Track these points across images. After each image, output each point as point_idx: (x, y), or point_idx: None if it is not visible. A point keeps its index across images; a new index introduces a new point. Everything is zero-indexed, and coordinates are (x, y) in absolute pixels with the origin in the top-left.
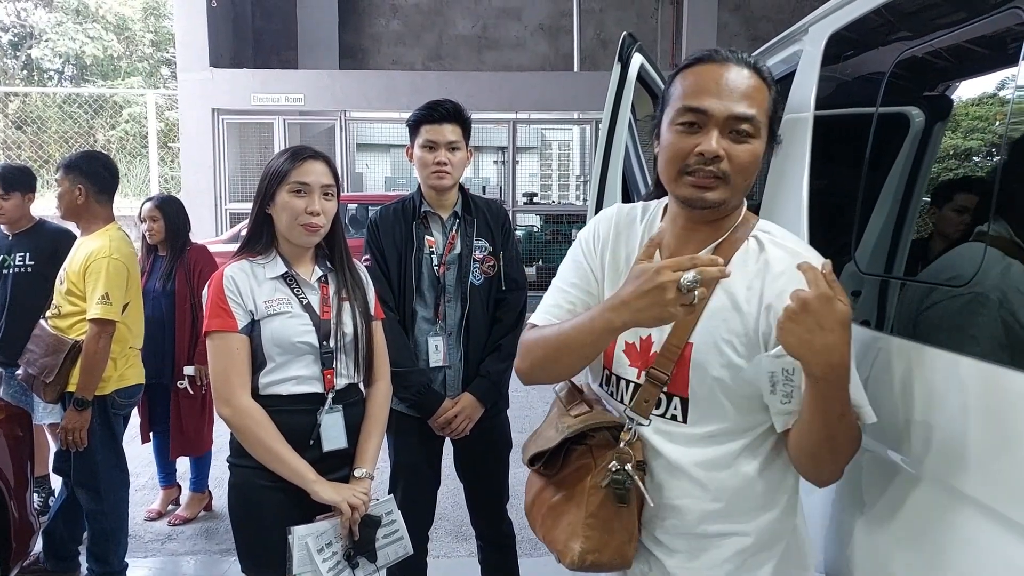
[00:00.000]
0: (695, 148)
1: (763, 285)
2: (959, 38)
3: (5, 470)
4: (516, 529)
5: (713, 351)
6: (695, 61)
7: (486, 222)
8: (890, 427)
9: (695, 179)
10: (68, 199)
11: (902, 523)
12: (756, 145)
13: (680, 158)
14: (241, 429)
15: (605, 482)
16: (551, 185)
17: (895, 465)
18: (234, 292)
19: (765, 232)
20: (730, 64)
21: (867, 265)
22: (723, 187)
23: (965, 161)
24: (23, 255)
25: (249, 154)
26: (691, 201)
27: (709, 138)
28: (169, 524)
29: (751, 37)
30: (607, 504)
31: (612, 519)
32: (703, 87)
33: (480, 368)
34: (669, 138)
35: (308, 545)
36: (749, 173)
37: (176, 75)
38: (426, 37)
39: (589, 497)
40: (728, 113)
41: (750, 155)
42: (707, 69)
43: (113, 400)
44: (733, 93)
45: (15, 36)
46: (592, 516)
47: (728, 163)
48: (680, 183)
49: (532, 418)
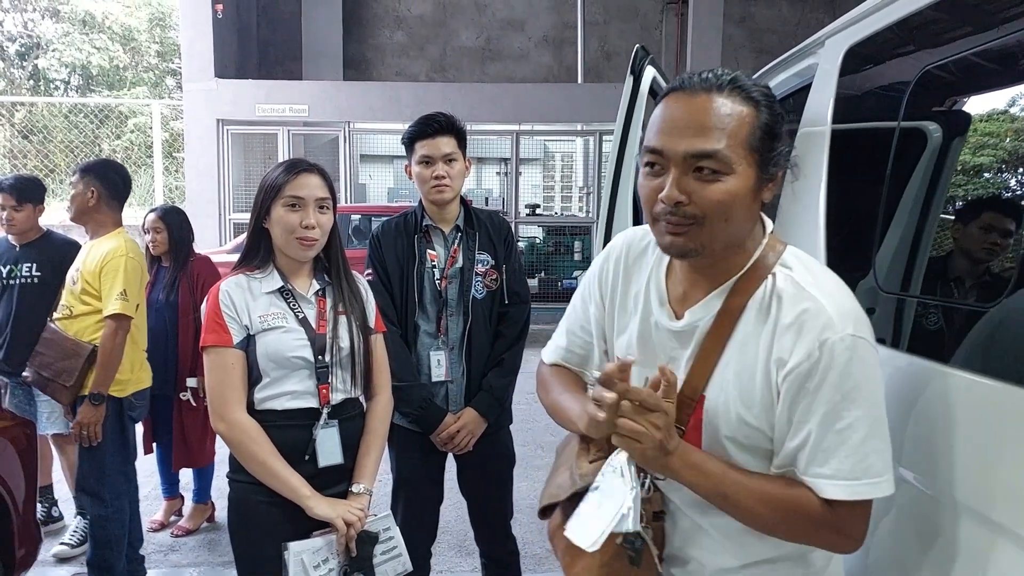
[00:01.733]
0: (659, 194)
1: (773, 338)
2: (983, 51)
3: (12, 480)
4: (520, 545)
5: (723, 409)
6: (666, 92)
7: (488, 235)
8: (905, 448)
9: (667, 226)
10: (80, 200)
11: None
12: (730, 183)
13: (648, 203)
14: (236, 444)
15: (619, 540)
16: (554, 197)
17: (913, 488)
18: (229, 307)
19: (786, 269)
20: (697, 93)
21: (886, 282)
22: (697, 233)
23: (994, 175)
24: (30, 266)
25: (253, 164)
26: (667, 250)
27: (668, 181)
28: (172, 535)
29: (756, 50)
30: (620, 556)
31: (626, 571)
32: (663, 123)
33: (483, 383)
34: (640, 181)
35: (304, 561)
36: (728, 214)
37: (181, 85)
38: (430, 49)
39: (604, 547)
40: (684, 151)
41: (721, 194)
42: (671, 101)
43: (130, 403)
44: (692, 126)
45: (22, 46)
46: (606, 566)
47: (696, 206)
48: (656, 229)
49: (535, 431)
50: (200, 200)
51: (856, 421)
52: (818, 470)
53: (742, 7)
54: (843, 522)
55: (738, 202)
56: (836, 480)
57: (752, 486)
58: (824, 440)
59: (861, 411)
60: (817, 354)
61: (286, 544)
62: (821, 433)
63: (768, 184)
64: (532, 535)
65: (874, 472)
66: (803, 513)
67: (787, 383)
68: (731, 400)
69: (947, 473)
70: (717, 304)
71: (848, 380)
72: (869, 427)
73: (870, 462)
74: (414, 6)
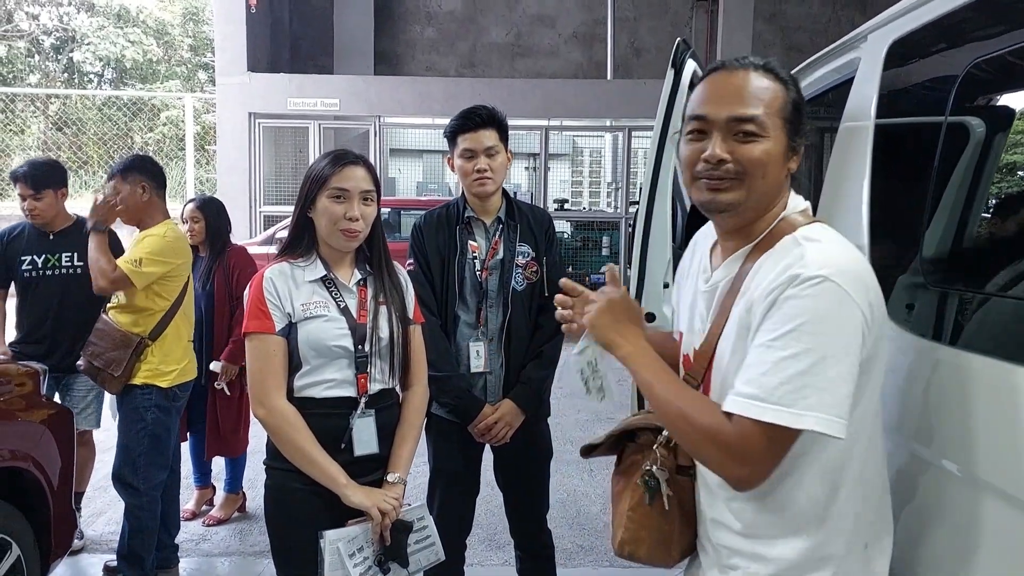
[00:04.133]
0: (702, 154)
1: (759, 282)
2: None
3: (49, 468)
4: (554, 540)
5: (727, 360)
6: (704, 75)
7: (529, 227)
8: (951, 441)
9: (707, 183)
10: (132, 200)
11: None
12: (766, 144)
13: (690, 165)
14: (275, 430)
15: (639, 480)
16: (582, 192)
17: (952, 476)
18: (272, 294)
19: (807, 236)
20: (735, 70)
21: (931, 277)
22: (737, 187)
23: None
24: (70, 255)
25: (284, 158)
26: (705, 204)
27: (712, 142)
28: (203, 525)
29: (786, 47)
30: (644, 502)
31: (648, 517)
32: (705, 96)
33: (521, 375)
34: (681, 148)
35: (339, 550)
36: (764, 171)
37: (213, 79)
38: (460, 45)
39: (632, 492)
40: (727, 115)
41: (760, 153)
42: (711, 79)
43: (175, 393)
44: (733, 96)
45: (57, 40)
46: (632, 510)
47: (737, 163)
48: (695, 188)
49: (564, 426)
50: (231, 193)
51: (805, 352)
52: (744, 388)
53: (772, 4)
54: (734, 443)
55: (772, 162)
56: (753, 400)
57: (674, 389)
58: (762, 363)
59: (810, 346)
60: (784, 284)
61: (322, 532)
62: (762, 355)
63: (793, 155)
64: (563, 529)
65: (805, 405)
66: (701, 423)
67: (758, 315)
68: (731, 351)
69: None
70: (736, 265)
71: (804, 314)
72: (814, 363)
73: (816, 397)
74: (445, 2)
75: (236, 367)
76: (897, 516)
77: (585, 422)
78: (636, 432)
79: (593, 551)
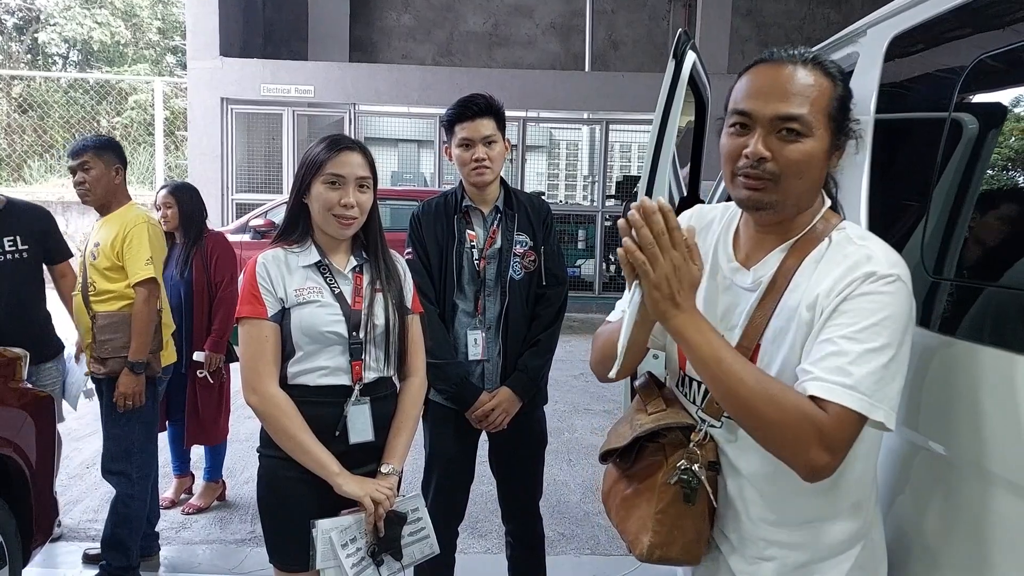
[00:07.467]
0: (744, 150)
1: (821, 279)
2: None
3: (30, 453)
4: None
5: (775, 357)
6: (752, 64)
7: (527, 216)
8: (956, 432)
9: (745, 180)
10: (106, 181)
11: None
12: (809, 144)
13: (731, 160)
14: (267, 417)
15: (673, 480)
16: (558, 185)
17: (957, 469)
18: (265, 279)
19: (859, 235)
20: (783, 64)
21: (933, 270)
22: (773, 189)
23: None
24: (12, 239)
25: (257, 145)
26: (743, 203)
27: (754, 139)
28: (183, 513)
29: (762, 42)
30: (676, 502)
31: (681, 517)
32: (751, 90)
33: (518, 363)
34: (723, 140)
35: (332, 539)
36: (803, 173)
37: (182, 63)
38: (437, 33)
39: (659, 493)
40: (772, 114)
41: (801, 154)
42: (758, 71)
43: (160, 379)
44: (780, 93)
45: (21, 19)
46: (662, 512)
47: (776, 163)
48: (734, 184)
49: (556, 414)
50: (203, 180)
51: (886, 347)
52: (832, 376)
53: (749, 0)
54: (829, 430)
55: (812, 163)
56: (847, 389)
57: (749, 366)
58: (847, 352)
59: (889, 341)
60: (859, 279)
61: (314, 521)
62: (845, 345)
63: (836, 152)
64: (544, 518)
65: (882, 398)
66: (791, 405)
67: (827, 308)
68: (781, 348)
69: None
70: (778, 260)
71: (886, 309)
72: (892, 358)
73: (886, 389)
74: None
75: (220, 356)
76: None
77: (563, 412)
78: (660, 432)
79: (575, 539)
